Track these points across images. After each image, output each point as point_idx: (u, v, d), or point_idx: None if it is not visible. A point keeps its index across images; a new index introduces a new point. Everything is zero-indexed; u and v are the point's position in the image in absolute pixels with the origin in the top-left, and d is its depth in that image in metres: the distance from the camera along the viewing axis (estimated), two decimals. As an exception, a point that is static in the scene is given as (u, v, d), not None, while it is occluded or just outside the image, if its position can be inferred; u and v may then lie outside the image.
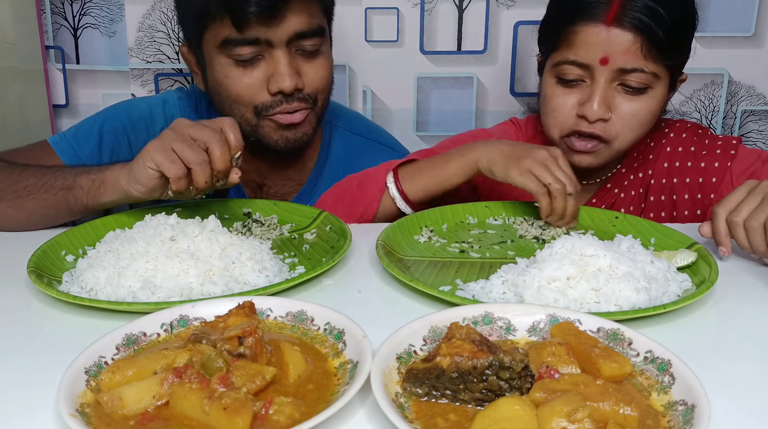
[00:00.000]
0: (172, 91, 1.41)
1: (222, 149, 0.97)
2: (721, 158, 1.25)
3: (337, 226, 1.05)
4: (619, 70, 1.14)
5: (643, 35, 1.11)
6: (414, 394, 0.60)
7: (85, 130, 1.29)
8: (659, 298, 0.82)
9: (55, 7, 1.79)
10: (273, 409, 0.56)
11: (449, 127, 1.86)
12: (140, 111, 1.35)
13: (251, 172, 1.39)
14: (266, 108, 1.22)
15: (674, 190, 1.28)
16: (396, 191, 1.14)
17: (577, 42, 1.15)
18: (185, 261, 0.86)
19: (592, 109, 1.15)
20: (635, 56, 1.12)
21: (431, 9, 1.77)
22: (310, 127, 1.28)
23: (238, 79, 1.21)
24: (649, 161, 1.30)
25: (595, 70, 1.15)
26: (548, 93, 1.22)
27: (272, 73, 1.20)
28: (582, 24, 1.14)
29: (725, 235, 0.96)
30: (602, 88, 1.15)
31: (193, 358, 0.60)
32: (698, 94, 1.82)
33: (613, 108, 1.17)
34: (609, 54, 1.13)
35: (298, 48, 1.21)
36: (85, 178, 1.05)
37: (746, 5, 1.75)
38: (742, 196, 0.96)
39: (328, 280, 0.92)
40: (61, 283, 0.87)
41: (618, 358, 0.63)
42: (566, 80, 1.18)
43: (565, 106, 1.19)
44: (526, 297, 0.81)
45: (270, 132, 1.26)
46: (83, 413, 0.56)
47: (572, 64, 1.16)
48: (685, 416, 0.56)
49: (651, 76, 1.14)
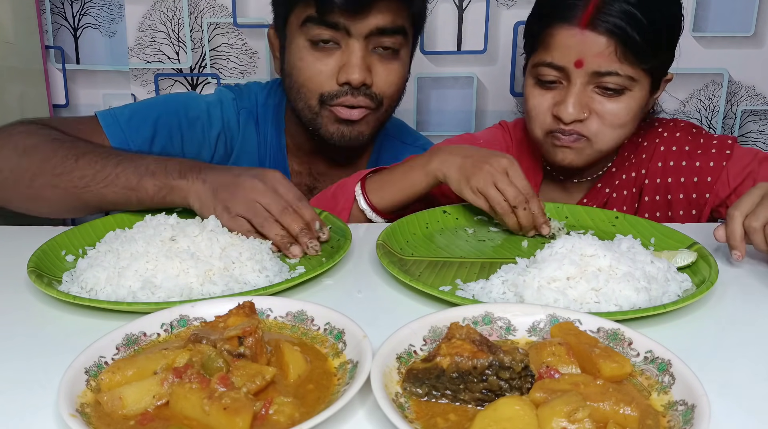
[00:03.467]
0: (225, 91, 1.40)
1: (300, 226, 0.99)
2: (716, 158, 1.25)
3: (337, 226, 1.05)
4: (594, 73, 1.14)
5: (618, 39, 1.11)
6: (414, 394, 0.60)
7: (138, 118, 1.26)
8: (659, 298, 0.82)
9: (55, 7, 1.79)
10: (273, 409, 0.56)
11: (449, 127, 1.86)
12: (197, 110, 1.33)
13: (303, 175, 1.40)
14: (331, 97, 1.23)
15: (669, 190, 1.28)
16: (364, 202, 1.15)
17: (553, 44, 1.15)
18: (185, 261, 0.86)
19: (567, 111, 1.16)
20: (609, 59, 1.12)
21: (431, 9, 1.77)
22: (368, 128, 1.28)
23: (311, 63, 1.22)
24: (642, 161, 1.30)
25: (570, 72, 1.15)
26: (527, 93, 1.23)
27: (345, 63, 1.21)
28: (558, 26, 1.15)
29: (741, 239, 0.94)
30: (577, 89, 1.16)
31: (193, 358, 0.60)
32: (698, 94, 1.82)
33: (591, 108, 1.17)
34: (583, 57, 1.13)
35: (376, 46, 1.22)
36: (149, 182, 1.02)
37: (746, 5, 1.75)
38: (757, 199, 0.95)
39: (328, 280, 0.92)
40: (61, 283, 0.87)
41: (618, 358, 0.63)
42: (544, 81, 1.19)
43: (542, 106, 1.20)
44: (526, 297, 0.81)
45: (328, 123, 1.26)
46: (83, 413, 0.56)
47: (548, 65, 1.17)
48: (685, 416, 0.56)
49: (627, 79, 1.14)
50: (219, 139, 1.35)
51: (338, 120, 1.25)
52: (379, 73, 1.24)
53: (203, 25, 1.79)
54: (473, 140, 1.37)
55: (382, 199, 1.15)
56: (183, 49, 1.80)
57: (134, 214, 1.08)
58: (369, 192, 1.15)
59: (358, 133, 1.27)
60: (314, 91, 1.24)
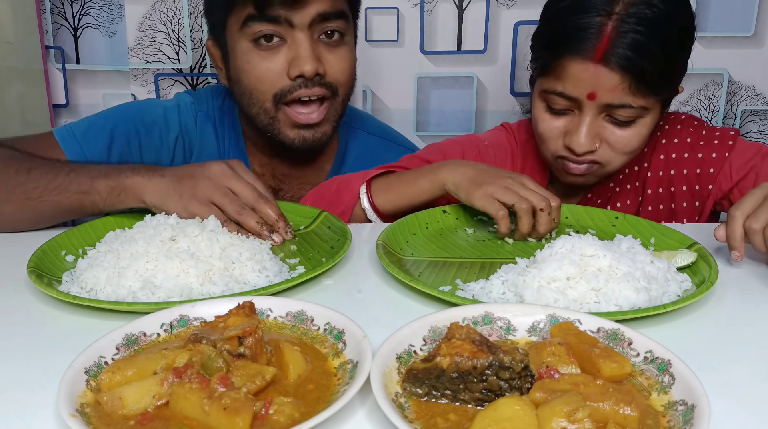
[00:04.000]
0: (184, 95, 1.39)
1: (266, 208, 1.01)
2: (718, 149, 1.25)
3: (337, 226, 1.05)
4: (607, 105, 1.13)
5: (631, 75, 1.10)
6: (414, 394, 0.60)
7: (95, 129, 1.25)
8: (659, 298, 0.82)
9: (55, 7, 1.79)
10: (273, 409, 0.56)
11: (449, 127, 1.86)
12: (154, 116, 1.32)
13: (267, 176, 1.38)
14: (285, 94, 1.21)
15: (672, 182, 1.28)
16: (367, 203, 1.15)
17: (565, 75, 1.14)
18: (185, 261, 0.86)
19: (579, 142, 1.16)
20: (623, 94, 1.11)
21: (431, 9, 1.77)
22: (330, 126, 1.26)
23: (259, 64, 1.20)
24: (644, 154, 1.30)
25: (582, 103, 1.15)
26: (537, 116, 1.22)
27: (294, 56, 1.18)
28: (570, 58, 1.13)
29: (740, 240, 0.94)
30: (589, 120, 1.15)
31: (193, 358, 0.60)
32: (698, 94, 1.82)
33: (602, 137, 1.17)
34: (596, 90, 1.12)
35: (320, 33, 1.20)
36: (102, 183, 1.03)
37: (746, 5, 1.75)
38: (759, 200, 0.94)
39: (328, 280, 0.92)
40: (61, 283, 0.87)
41: (618, 358, 0.63)
42: (555, 109, 1.18)
43: (553, 132, 1.20)
44: (526, 297, 0.81)
45: (286, 128, 1.24)
46: (83, 413, 0.56)
47: (560, 95, 1.16)
48: (685, 416, 0.56)
49: (639, 110, 1.14)
50: (177, 143, 1.34)
51: (298, 126, 1.23)
52: (330, 60, 1.21)
53: (203, 25, 1.78)
54: (477, 141, 1.36)
55: (387, 202, 1.15)
56: (183, 49, 1.80)
57: (134, 214, 1.08)
58: (374, 193, 1.16)
59: (322, 134, 1.25)
60: (267, 92, 1.21)
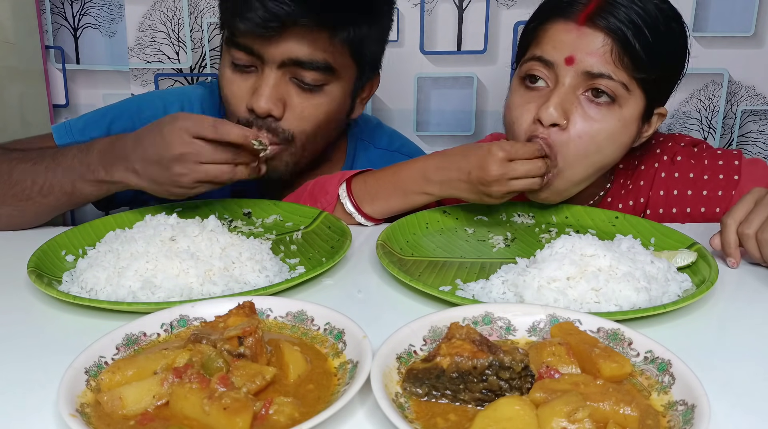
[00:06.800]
0: (196, 88, 1.34)
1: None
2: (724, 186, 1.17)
3: (337, 226, 1.05)
4: (585, 74, 1.03)
5: (615, 39, 1.03)
6: (414, 394, 0.60)
7: (92, 125, 1.24)
8: (659, 298, 0.82)
9: (55, 7, 1.79)
10: (273, 409, 0.56)
11: (449, 127, 1.86)
12: (153, 110, 1.28)
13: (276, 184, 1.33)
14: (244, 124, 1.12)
15: (675, 220, 1.20)
16: (351, 207, 1.11)
17: (545, 39, 1.08)
18: (185, 261, 0.86)
19: (548, 110, 1.04)
20: (603, 60, 1.03)
21: (431, 9, 1.77)
22: (281, 163, 1.16)
23: (231, 82, 1.16)
24: (641, 188, 1.22)
25: (559, 70, 1.06)
26: (510, 101, 1.13)
27: (255, 88, 1.12)
28: (554, 22, 1.07)
29: (735, 247, 0.94)
30: (564, 90, 1.05)
31: (193, 358, 0.60)
32: (698, 94, 1.82)
33: (572, 120, 1.04)
34: (575, 53, 1.04)
35: (294, 76, 1.11)
36: (85, 185, 1.03)
37: (746, 5, 1.75)
38: (750, 207, 0.94)
39: (328, 280, 0.92)
40: (61, 283, 0.87)
41: (618, 358, 0.63)
42: (530, 78, 1.09)
43: (524, 107, 1.09)
44: (526, 297, 0.81)
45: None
46: (83, 413, 0.56)
47: (538, 60, 1.08)
48: (685, 416, 0.56)
49: (620, 86, 1.04)
50: None
51: None
52: (294, 106, 1.12)
53: (203, 25, 1.79)
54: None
55: (376, 207, 1.12)
56: (183, 49, 1.80)
57: (134, 214, 1.08)
58: (358, 198, 1.12)
59: (272, 167, 1.14)
60: (232, 113, 1.16)
